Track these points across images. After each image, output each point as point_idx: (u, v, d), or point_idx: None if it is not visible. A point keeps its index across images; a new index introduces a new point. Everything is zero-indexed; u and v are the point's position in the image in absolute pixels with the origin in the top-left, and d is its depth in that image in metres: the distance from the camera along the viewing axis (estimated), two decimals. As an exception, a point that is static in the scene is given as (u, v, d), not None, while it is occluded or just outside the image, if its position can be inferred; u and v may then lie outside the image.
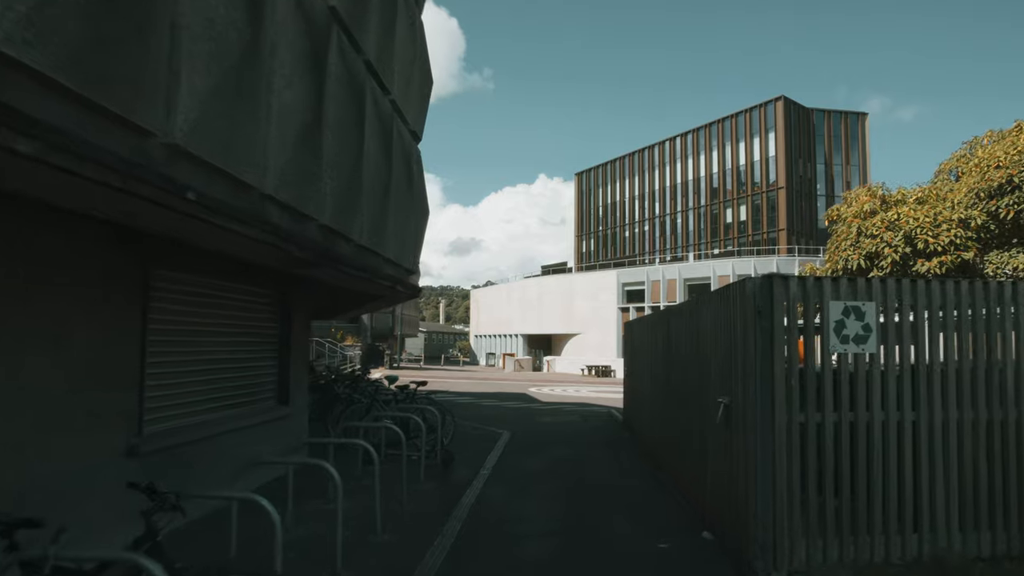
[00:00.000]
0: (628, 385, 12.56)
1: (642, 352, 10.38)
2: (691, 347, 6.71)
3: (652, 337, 9.38)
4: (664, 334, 8.35)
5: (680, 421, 7.20)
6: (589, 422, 14.01)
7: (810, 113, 52.62)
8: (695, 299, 6.77)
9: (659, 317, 9.05)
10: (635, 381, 11.41)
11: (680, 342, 7.33)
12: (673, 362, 7.73)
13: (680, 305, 7.71)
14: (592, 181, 69.88)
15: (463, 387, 25.33)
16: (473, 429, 12.44)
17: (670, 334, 7.93)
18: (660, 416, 8.63)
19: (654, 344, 9.18)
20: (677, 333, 7.54)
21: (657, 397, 8.90)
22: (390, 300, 12.12)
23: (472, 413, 15.50)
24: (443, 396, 19.68)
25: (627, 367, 12.72)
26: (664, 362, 8.35)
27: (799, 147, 51.24)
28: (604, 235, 67.37)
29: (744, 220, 52.97)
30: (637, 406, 11.02)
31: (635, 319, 11.78)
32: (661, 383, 8.52)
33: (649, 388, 9.69)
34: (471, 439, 11.14)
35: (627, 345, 12.57)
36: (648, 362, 9.81)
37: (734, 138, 53.70)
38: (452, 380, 30.24)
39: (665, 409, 8.22)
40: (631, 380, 12.13)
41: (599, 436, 11.73)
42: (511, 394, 22.54)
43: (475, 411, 16.08)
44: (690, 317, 6.87)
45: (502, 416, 15.04)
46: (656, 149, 61.43)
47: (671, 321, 7.95)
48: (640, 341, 10.61)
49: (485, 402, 18.84)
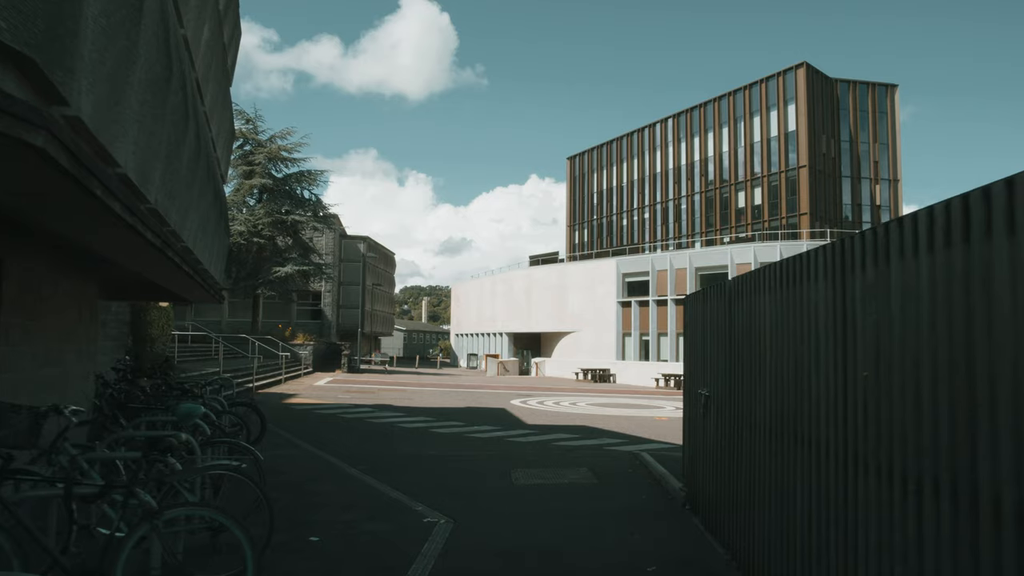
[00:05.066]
0: (699, 415, 6.13)
1: (760, 351, 4.15)
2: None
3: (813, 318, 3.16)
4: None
5: None
6: (611, 487, 7.79)
7: (834, 84, 46.74)
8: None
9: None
10: (731, 410, 5.14)
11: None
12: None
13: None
14: (585, 166, 63.74)
15: (424, 399, 18.99)
16: (375, 508, 6.18)
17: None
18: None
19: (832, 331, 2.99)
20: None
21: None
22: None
23: (401, 457, 9.21)
24: (376, 417, 13.38)
25: (693, 379, 6.38)
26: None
27: (822, 122, 45.32)
28: (599, 224, 61.25)
29: (759, 204, 46.98)
30: (734, 463, 4.81)
31: (710, 288, 5.40)
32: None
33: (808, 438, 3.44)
34: (347, 549, 4.87)
35: (696, 338, 6.16)
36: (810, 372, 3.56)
37: (747, 112, 47.71)
38: (414, 388, 23.89)
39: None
40: (714, 411, 5.68)
41: (649, 542, 5.48)
42: (486, 411, 16.27)
43: (409, 452, 9.79)
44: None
45: (455, 464, 8.79)
46: (658, 127, 55.36)
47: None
48: (751, 329, 4.39)
49: (442, 427, 12.56)
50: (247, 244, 32.03)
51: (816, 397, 3.22)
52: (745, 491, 4.32)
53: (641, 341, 38.65)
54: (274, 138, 34.41)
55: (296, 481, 7.29)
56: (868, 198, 46.96)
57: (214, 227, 9.16)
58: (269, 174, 33.79)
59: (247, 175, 33.45)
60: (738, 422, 4.48)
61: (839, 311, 2.97)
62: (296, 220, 32.86)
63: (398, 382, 27.15)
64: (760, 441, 4.02)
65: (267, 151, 33.38)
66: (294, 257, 34.05)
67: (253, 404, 9.20)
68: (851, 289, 2.86)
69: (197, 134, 6.33)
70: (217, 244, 9.66)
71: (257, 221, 32.12)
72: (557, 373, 39.52)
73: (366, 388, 22.60)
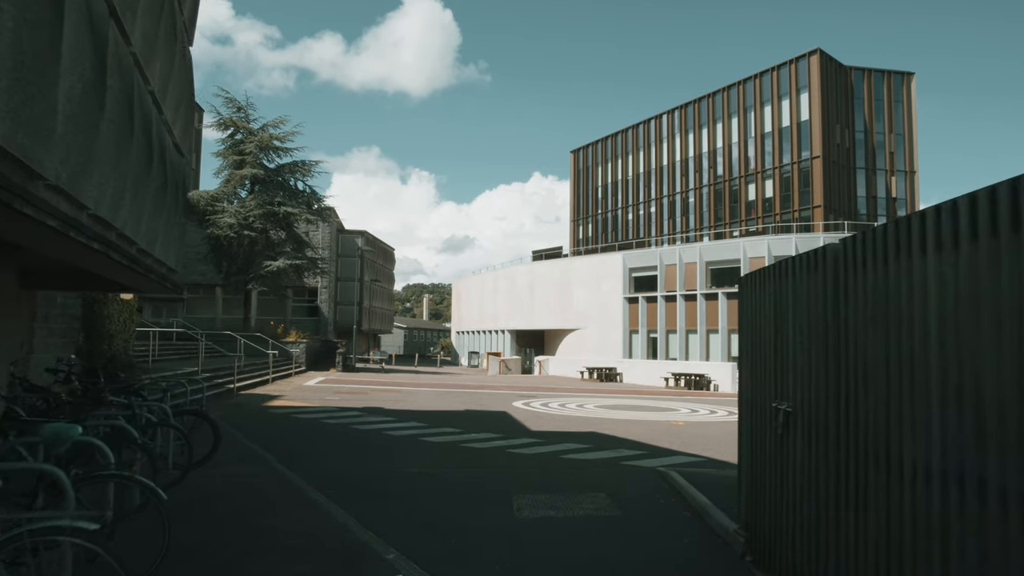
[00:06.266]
0: (772, 436, 4.42)
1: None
2: None
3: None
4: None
5: None
6: (638, 521, 6.28)
7: (848, 72, 45.04)
8: None
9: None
10: (842, 436, 3.61)
11: None
12: None
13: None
14: (590, 159, 62.13)
15: (419, 401, 17.50)
16: (332, 556, 4.70)
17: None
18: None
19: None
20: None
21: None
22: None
23: (381, 477, 7.72)
24: (363, 422, 11.84)
25: (757, 385, 4.78)
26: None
27: (836, 111, 43.64)
28: (604, 218, 59.66)
29: (770, 197, 45.33)
30: (848, 512, 3.31)
31: (796, 259, 3.82)
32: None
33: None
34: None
35: (762, 331, 4.48)
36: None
37: (758, 102, 46.04)
38: (410, 389, 22.40)
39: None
40: (802, 434, 3.97)
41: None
42: (485, 414, 14.78)
43: (392, 468, 8.30)
44: None
45: (445, 485, 7.31)
46: (664, 118, 53.73)
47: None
48: (892, 314, 2.89)
49: (435, 435, 11.06)
50: (237, 237, 30.50)
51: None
52: (872, 557, 2.81)
53: (649, 338, 37.11)
54: (266, 127, 32.89)
55: (242, 511, 5.81)
56: (884, 190, 45.28)
57: (153, 204, 7.61)
58: (261, 164, 32.28)
59: (238, 165, 31.91)
60: (858, 455, 2.97)
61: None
62: (289, 212, 31.29)
63: (394, 382, 25.67)
64: (911, 490, 2.51)
65: (258, 139, 31.86)
66: (287, 251, 32.51)
67: (203, 413, 7.73)
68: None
69: (122, 78, 4.90)
70: (162, 225, 8.14)
71: (248, 213, 30.58)
72: (561, 372, 38.02)
73: (358, 389, 21.12)
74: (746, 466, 4.73)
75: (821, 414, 3.32)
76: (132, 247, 6.24)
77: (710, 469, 8.42)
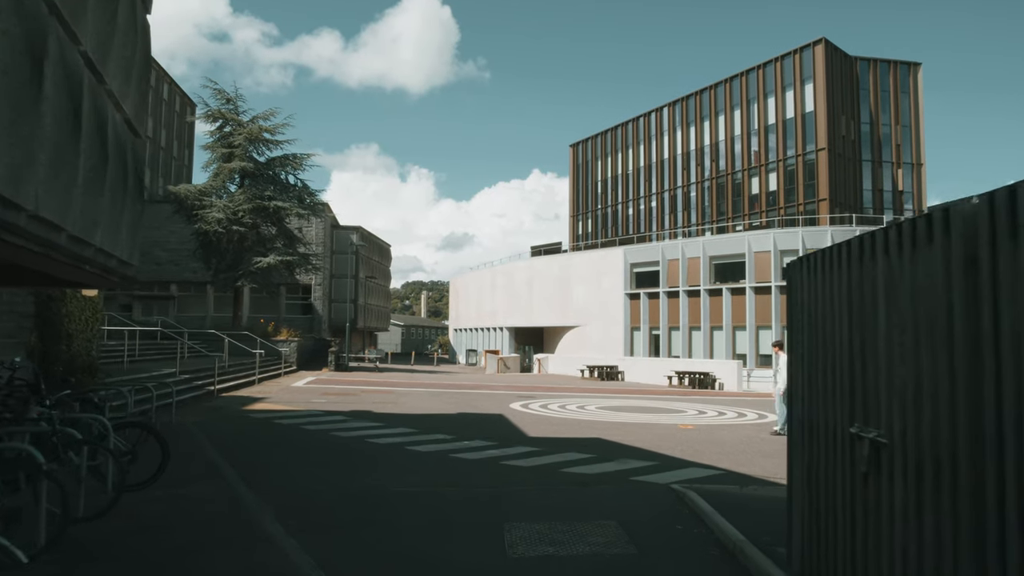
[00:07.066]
0: (848, 471, 3.41)
1: None
2: None
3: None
4: None
5: None
6: (658, 561, 5.27)
7: (853, 62, 43.97)
8: None
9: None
10: (980, 484, 2.57)
11: None
12: None
13: None
14: (589, 153, 61.08)
15: (411, 403, 16.49)
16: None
17: None
18: None
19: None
20: None
21: None
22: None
23: (353, 498, 6.73)
24: (346, 428, 10.79)
25: (814, 402, 3.77)
26: None
27: (842, 103, 42.59)
28: (603, 213, 58.63)
29: (774, 190, 44.31)
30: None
31: (885, 231, 2.90)
32: None
33: None
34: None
35: (825, 333, 3.41)
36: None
37: (761, 93, 44.98)
38: (403, 389, 21.38)
39: None
40: (902, 474, 2.90)
41: None
42: (480, 418, 13.77)
43: (368, 486, 7.32)
44: None
45: (426, 509, 6.32)
46: (665, 111, 52.66)
47: None
48: None
49: (423, 443, 10.04)
50: (226, 232, 29.41)
51: None
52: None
53: (651, 336, 36.13)
54: (256, 119, 31.79)
55: (174, 549, 4.80)
56: (890, 183, 44.28)
57: (87, 184, 6.54)
58: (250, 157, 31.19)
59: (227, 158, 30.82)
60: (1007, 517, 1.96)
61: None
62: (280, 207, 30.20)
63: (387, 382, 24.66)
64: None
65: (247, 132, 30.75)
66: (278, 247, 31.45)
67: (149, 426, 6.72)
68: None
69: (22, 21, 3.89)
70: (105, 209, 7.08)
71: (237, 207, 29.49)
72: (561, 370, 37.03)
73: (348, 390, 20.11)
74: (802, 503, 3.72)
75: (945, 452, 2.32)
76: (61, 235, 5.23)
77: (731, 486, 7.43)
